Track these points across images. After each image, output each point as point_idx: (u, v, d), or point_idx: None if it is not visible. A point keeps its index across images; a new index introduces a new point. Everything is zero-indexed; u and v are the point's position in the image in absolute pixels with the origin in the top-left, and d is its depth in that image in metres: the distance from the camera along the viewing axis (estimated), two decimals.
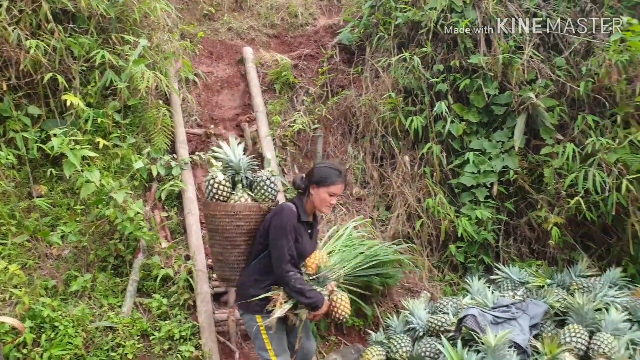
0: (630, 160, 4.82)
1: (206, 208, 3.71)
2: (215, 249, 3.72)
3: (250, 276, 3.55)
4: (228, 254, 3.63)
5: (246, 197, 3.64)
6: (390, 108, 5.96)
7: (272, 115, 6.32)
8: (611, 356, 3.83)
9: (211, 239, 3.74)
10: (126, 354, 4.29)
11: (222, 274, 3.71)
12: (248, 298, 3.48)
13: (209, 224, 3.71)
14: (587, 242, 5.57)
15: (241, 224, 3.57)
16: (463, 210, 5.62)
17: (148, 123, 5.71)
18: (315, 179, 3.48)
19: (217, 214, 3.58)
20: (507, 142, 5.65)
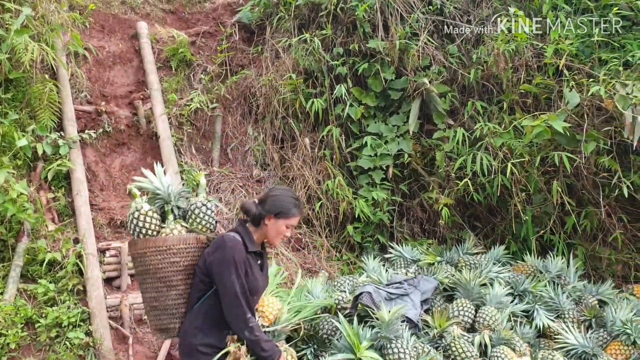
0: (514, 144, 5.14)
1: (133, 247, 3.08)
2: (147, 294, 3.06)
3: (192, 323, 2.97)
4: (164, 298, 3.00)
5: (179, 229, 3.10)
6: (291, 89, 5.96)
7: (167, 93, 6.10)
8: (495, 328, 4.08)
9: (142, 284, 3.07)
10: (8, 344, 4.02)
11: (159, 324, 3.05)
12: (193, 348, 2.92)
13: (138, 265, 3.07)
14: (474, 222, 5.90)
15: (176, 260, 3.00)
16: (360, 192, 5.75)
17: (33, 98, 5.33)
18: (275, 210, 3.02)
19: (147, 252, 2.98)
20: (403, 126, 5.83)
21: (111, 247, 4.91)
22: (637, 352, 4.22)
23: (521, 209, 5.25)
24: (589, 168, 5.09)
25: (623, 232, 5.27)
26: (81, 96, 5.92)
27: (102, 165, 5.57)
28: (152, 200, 3.18)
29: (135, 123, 5.90)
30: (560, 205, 5.21)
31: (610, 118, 4.90)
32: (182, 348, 3.00)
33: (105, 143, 5.70)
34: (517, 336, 4.08)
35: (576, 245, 5.43)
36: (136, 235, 3.05)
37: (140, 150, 5.81)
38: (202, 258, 2.98)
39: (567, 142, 4.85)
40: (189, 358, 2.95)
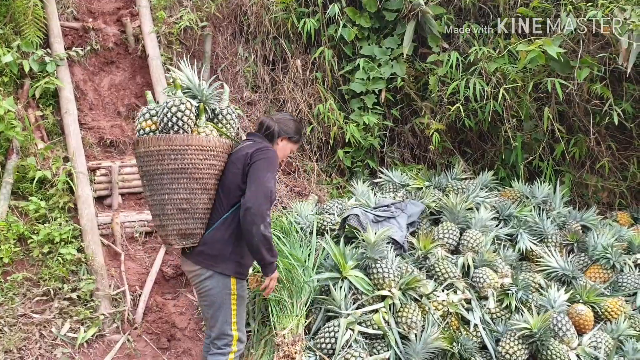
0: (508, 69, 5.07)
1: (167, 142, 2.85)
2: (177, 195, 2.88)
3: (228, 228, 2.95)
4: (197, 201, 2.90)
5: (215, 132, 3.03)
6: (283, 8, 5.78)
7: (156, 10, 5.91)
8: (478, 250, 4.19)
9: (172, 183, 2.88)
10: (1, 258, 4.10)
11: (185, 228, 2.92)
12: (224, 256, 2.94)
13: (170, 162, 2.86)
14: (464, 148, 5.91)
15: (214, 163, 2.94)
16: (352, 116, 5.71)
17: (17, 13, 5.17)
18: (289, 132, 3.19)
19: (188, 149, 2.85)
20: (397, 49, 5.72)
21: (101, 166, 4.91)
22: (615, 275, 4.36)
23: (511, 135, 5.26)
24: (581, 95, 5.07)
25: (611, 160, 5.32)
26: (67, 12, 5.74)
27: (91, 84, 5.49)
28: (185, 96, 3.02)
29: (123, 41, 5.75)
30: (551, 132, 5.22)
31: (606, 44, 4.84)
32: (210, 255, 2.95)
33: (93, 61, 5.59)
34: (499, 259, 4.20)
35: (564, 172, 5.49)
36: (170, 130, 2.88)
37: (129, 69, 5.70)
38: (240, 161, 2.96)
39: (560, 68, 4.79)
40: (218, 265, 2.94)
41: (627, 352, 3.71)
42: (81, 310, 4.04)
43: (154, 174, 2.90)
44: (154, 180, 2.92)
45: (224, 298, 2.97)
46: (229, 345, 3.01)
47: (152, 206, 2.98)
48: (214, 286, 2.95)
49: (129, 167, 5.01)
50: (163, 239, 3.01)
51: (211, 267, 2.94)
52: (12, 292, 4.04)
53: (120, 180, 4.92)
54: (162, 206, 2.91)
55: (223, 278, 2.95)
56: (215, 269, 2.94)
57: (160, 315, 4.22)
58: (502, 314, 3.84)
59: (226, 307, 2.99)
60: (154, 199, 2.94)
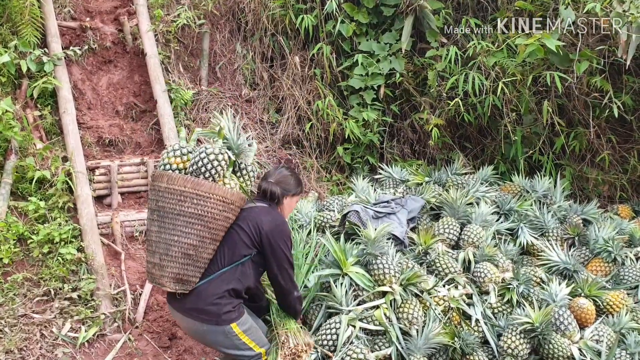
0: (507, 63, 5.06)
1: (193, 185, 2.85)
2: (186, 240, 2.86)
3: (225, 284, 2.94)
4: (203, 249, 2.89)
5: (237, 185, 3.04)
6: (281, 5, 5.77)
7: (153, 8, 5.90)
8: (479, 245, 4.18)
9: (183, 227, 2.85)
10: (1, 259, 4.09)
11: (183, 274, 2.88)
12: (218, 310, 2.91)
13: (189, 205, 2.84)
14: (464, 143, 5.90)
15: (230, 217, 2.96)
16: (351, 112, 5.70)
17: (13, 13, 5.15)
18: (293, 189, 3.26)
19: (212, 198, 2.85)
20: (395, 44, 5.70)
21: (100, 165, 4.90)
22: (616, 268, 4.35)
23: (511, 129, 5.24)
24: (580, 88, 5.05)
25: (611, 153, 5.31)
26: (64, 11, 5.73)
27: (89, 84, 5.48)
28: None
29: (121, 40, 5.74)
30: (550, 125, 5.20)
31: (604, 37, 4.81)
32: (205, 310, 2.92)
33: (91, 60, 5.58)
34: (500, 253, 4.19)
35: (564, 166, 5.47)
36: (200, 175, 2.88)
37: (127, 68, 5.69)
38: (251, 223, 3.00)
39: (560, 62, 4.77)
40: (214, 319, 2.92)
41: (629, 345, 3.71)
42: (82, 310, 4.03)
43: (170, 213, 2.86)
44: (166, 219, 2.87)
45: (233, 341, 2.99)
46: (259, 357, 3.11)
47: (156, 243, 2.91)
48: (217, 337, 2.97)
49: (128, 166, 5.00)
50: (155, 278, 2.94)
51: (206, 321, 2.93)
52: (13, 292, 4.03)
53: (120, 180, 4.91)
54: (168, 246, 2.87)
55: (222, 328, 2.94)
56: (211, 323, 2.93)
57: (161, 314, 4.21)
58: (503, 308, 3.83)
59: (240, 345, 3.01)
60: (161, 237, 2.89)
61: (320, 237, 4.23)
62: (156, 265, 2.92)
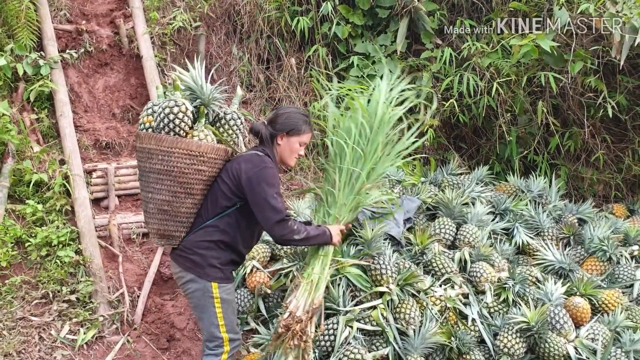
0: (501, 64, 5.09)
1: (156, 142, 2.84)
2: (159, 196, 2.88)
3: (206, 236, 2.93)
4: (178, 205, 2.89)
5: (211, 137, 2.97)
6: (276, 7, 5.79)
7: (149, 11, 5.91)
8: (475, 245, 4.20)
9: (156, 183, 2.88)
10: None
11: (164, 229, 2.94)
12: (203, 261, 2.93)
13: (157, 162, 2.84)
14: (459, 143, 5.93)
15: (203, 169, 2.90)
16: None
17: (9, 16, 5.17)
18: (286, 127, 3.05)
19: (175, 152, 2.81)
20: (390, 45, 5.73)
21: (97, 168, 4.92)
22: (611, 267, 4.38)
23: (506, 129, 5.28)
24: (575, 88, 5.09)
25: (606, 153, 5.34)
26: (60, 14, 5.74)
27: (86, 86, 5.49)
28: (186, 97, 2.97)
29: (117, 43, 5.75)
30: (545, 125, 5.24)
31: (599, 37, 4.85)
32: (189, 259, 2.94)
33: (87, 63, 5.59)
34: (496, 253, 4.21)
35: (559, 166, 5.50)
36: (164, 131, 2.85)
37: (123, 71, 5.70)
38: (232, 172, 2.93)
39: (554, 62, 4.81)
40: (197, 269, 2.93)
41: (625, 344, 3.73)
42: (80, 312, 4.05)
43: (144, 171, 2.94)
44: (142, 177, 2.98)
45: (206, 301, 2.95)
46: (220, 346, 2.99)
47: (142, 202, 3.06)
48: (196, 289, 2.94)
49: (124, 168, 5.02)
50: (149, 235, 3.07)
51: (190, 270, 2.94)
52: (11, 295, 4.04)
53: (117, 182, 4.93)
54: (146, 204, 2.96)
55: (204, 282, 2.93)
56: (194, 272, 2.93)
57: (159, 315, 4.23)
58: (499, 308, 3.85)
59: (210, 311, 2.96)
60: (142, 195, 3.02)
61: None
62: (145, 223, 3.09)
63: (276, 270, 4.19)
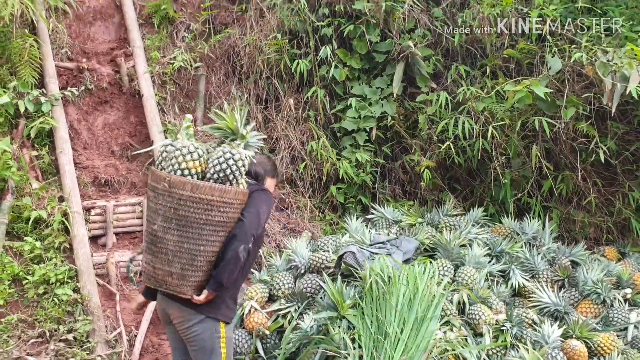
0: (496, 108, 5.23)
1: (220, 193, 2.73)
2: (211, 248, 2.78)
3: None
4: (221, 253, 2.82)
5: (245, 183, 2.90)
6: (276, 50, 5.93)
7: (150, 51, 6.03)
8: (473, 287, 4.24)
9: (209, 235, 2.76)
10: None
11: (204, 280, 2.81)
12: (222, 301, 2.91)
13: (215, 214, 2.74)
14: (454, 184, 6.02)
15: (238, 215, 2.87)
16: (344, 153, 5.82)
17: (13, 54, 5.25)
18: (272, 171, 3.28)
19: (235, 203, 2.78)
20: (387, 88, 5.87)
21: (96, 205, 4.93)
22: (606, 310, 4.43)
23: (500, 172, 5.38)
24: (567, 133, 5.21)
25: (597, 196, 5.45)
26: (62, 52, 5.83)
27: (85, 124, 5.54)
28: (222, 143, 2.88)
29: (117, 81, 5.84)
30: (538, 169, 5.34)
31: (590, 84, 5.00)
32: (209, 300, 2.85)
33: (87, 101, 5.66)
34: (493, 295, 4.25)
35: (552, 208, 5.60)
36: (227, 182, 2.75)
37: (123, 109, 5.77)
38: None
39: (547, 108, 4.94)
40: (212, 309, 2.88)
41: None
42: (77, 352, 4.01)
43: (195, 222, 2.73)
44: (190, 228, 2.74)
45: (213, 342, 2.92)
46: None
47: (175, 252, 2.76)
48: (204, 330, 2.90)
49: (123, 206, 5.04)
50: (168, 286, 2.82)
51: (203, 311, 2.87)
52: (7, 334, 4.00)
53: (115, 220, 4.94)
54: (193, 256, 2.75)
55: (213, 322, 2.91)
56: (207, 312, 2.88)
57: (156, 355, 4.20)
58: (497, 350, 3.87)
59: (216, 352, 2.94)
60: (183, 247, 2.75)
61: (316, 278, 4.28)
62: (174, 274, 2.77)
63: (274, 310, 4.20)
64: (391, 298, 3.64)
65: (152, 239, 2.79)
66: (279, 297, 4.31)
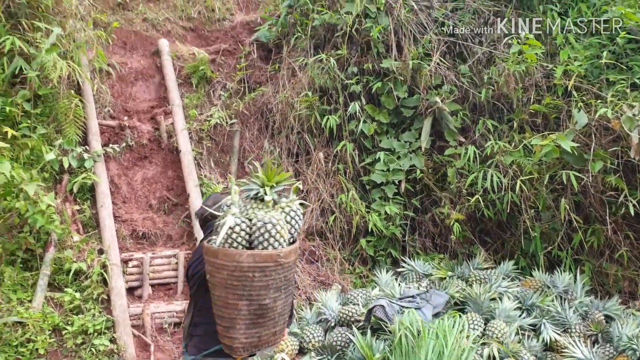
0: (524, 162, 5.29)
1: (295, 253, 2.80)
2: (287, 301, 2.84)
3: None
4: None
5: None
6: (306, 106, 6.15)
7: (188, 109, 6.33)
8: (503, 341, 4.23)
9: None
10: (37, 349, 4.22)
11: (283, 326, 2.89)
12: None
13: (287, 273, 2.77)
14: (484, 237, 6.03)
15: None
16: (373, 206, 5.92)
17: (59, 113, 5.57)
18: None
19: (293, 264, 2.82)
20: (415, 142, 6.00)
21: (133, 257, 5.11)
22: None
23: (530, 225, 5.39)
24: (596, 186, 5.22)
25: (629, 249, 5.39)
26: (105, 111, 6.15)
27: (125, 178, 5.79)
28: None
29: (157, 137, 6.12)
30: (568, 222, 5.34)
31: (617, 138, 5.04)
32: None
33: (128, 157, 5.93)
34: (524, 349, 4.22)
35: (583, 261, 5.55)
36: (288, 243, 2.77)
37: (161, 164, 6.02)
38: None
39: (575, 161, 4.99)
40: None
41: None
42: None
43: (290, 282, 2.84)
44: (290, 286, 2.85)
45: None
46: None
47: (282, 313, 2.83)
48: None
49: (159, 258, 5.20)
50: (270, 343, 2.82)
51: None
52: None
53: (151, 272, 5.10)
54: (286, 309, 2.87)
55: None
56: None
57: None
58: None
59: None
60: (286, 305, 2.84)
61: (346, 331, 4.32)
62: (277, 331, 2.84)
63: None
64: (420, 352, 3.67)
65: (261, 313, 2.78)
66: (309, 349, 4.35)
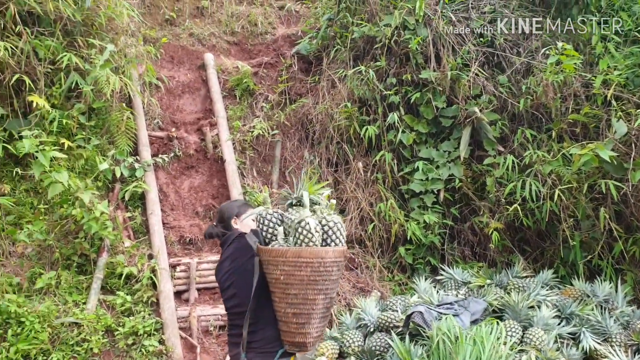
0: (562, 171, 5.31)
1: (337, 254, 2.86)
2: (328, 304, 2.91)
3: None
4: None
5: None
6: (346, 117, 6.30)
7: (232, 120, 6.57)
8: (541, 348, 4.26)
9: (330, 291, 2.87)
10: (91, 349, 4.47)
11: None
12: None
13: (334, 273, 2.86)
14: (523, 246, 6.05)
15: None
16: (412, 214, 6.01)
17: (112, 125, 5.87)
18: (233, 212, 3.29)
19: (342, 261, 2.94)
20: (454, 152, 6.07)
21: (181, 262, 5.34)
22: None
23: (569, 234, 5.39)
24: (636, 195, 5.20)
25: None
26: (154, 123, 6.45)
27: (173, 187, 6.05)
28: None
29: (203, 148, 6.38)
30: (608, 231, 5.32)
31: None
32: None
33: (175, 166, 6.20)
34: (563, 357, 4.24)
35: (625, 271, 5.51)
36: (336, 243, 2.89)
37: (207, 173, 6.27)
38: None
39: (614, 170, 4.98)
40: None
41: None
42: None
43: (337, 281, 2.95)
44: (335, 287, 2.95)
45: None
46: None
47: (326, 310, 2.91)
48: None
49: (205, 263, 5.42)
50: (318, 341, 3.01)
51: None
52: None
53: (198, 276, 5.31)
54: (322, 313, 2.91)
55: None
56: None
57: None
58: None
59: None
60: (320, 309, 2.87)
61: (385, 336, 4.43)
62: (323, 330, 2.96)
63: None
64: (458, 357, 3.75)
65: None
66: (349, 354, 4.47)
